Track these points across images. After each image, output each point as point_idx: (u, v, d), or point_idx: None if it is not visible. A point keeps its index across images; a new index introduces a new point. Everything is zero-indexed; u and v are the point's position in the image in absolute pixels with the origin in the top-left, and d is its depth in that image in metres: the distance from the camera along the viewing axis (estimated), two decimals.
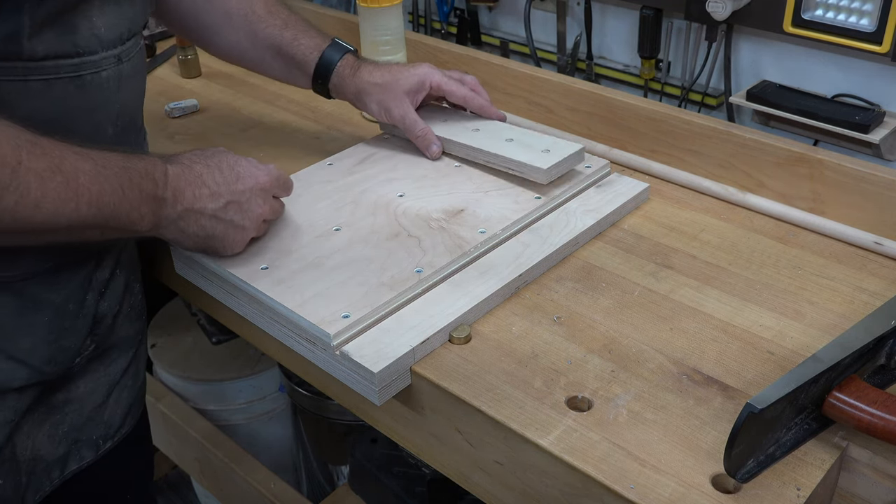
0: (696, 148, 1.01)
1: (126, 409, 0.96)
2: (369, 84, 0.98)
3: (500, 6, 1.59)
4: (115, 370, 0.93)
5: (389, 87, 0.98)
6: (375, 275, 0.81)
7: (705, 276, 0.84)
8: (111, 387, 0.93)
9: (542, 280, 0.85)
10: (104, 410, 0.93)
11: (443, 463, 0.78)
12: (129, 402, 0.96)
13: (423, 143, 1.00)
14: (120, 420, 0.95)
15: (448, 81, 1.00)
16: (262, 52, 1.01)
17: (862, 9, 1.09)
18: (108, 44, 0.77)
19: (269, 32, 1.00)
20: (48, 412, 0.87)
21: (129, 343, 0.94)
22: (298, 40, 1.00)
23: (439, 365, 0.74)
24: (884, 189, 0.88)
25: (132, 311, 0.94)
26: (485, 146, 0.97)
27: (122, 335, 0.93)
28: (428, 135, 1.00)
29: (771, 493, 0.61)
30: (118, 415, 0.95)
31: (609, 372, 0.73)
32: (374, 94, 0.99)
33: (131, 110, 0.85)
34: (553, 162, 0.92)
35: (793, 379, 0.61)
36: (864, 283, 0.83)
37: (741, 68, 1.31)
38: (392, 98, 0.98)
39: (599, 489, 0.63)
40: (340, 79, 1.00)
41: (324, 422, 1.48)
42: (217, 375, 1.58)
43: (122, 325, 0.92)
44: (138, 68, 0.84)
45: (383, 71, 0.99)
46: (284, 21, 1.00)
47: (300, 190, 0.95)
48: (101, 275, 0.86)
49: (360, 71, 0.99)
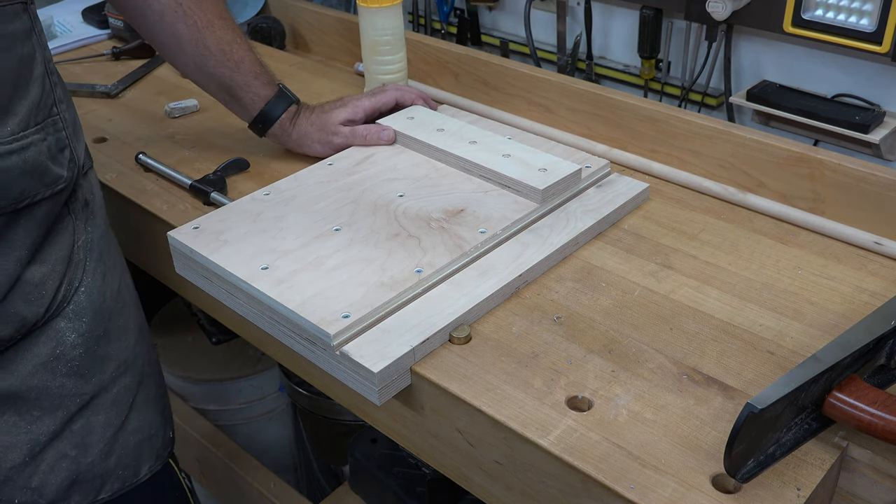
0: (696, 148, 1.01)
1: (65, 483, 0.85)
2: (306, 131, 1.05)
3: (500, 6, 1.59)
4: (38, 430, 0.83)
5: (323, 125, 1.05)
6: (375, 275, 0.81)
7: (705, 276, 0.84)
8: (36, 448, 0.83)
9: (542, 280, 0.85)
10: (31, 474, 0.84)
11: (443, 463, 0.78)
12: (68, 476, 0.86)
13: (374, 138, 1.04)
14: (55, 494, 0.85)
15: (376, 99, 1.08)
16: (209, 83, 1.05)
17: (862, 9, 1.09)
18: None
19: (218, 72, 1.02)
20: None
21: (54, 402, 0.84)
22: (248, 86, 1.03)
23: (439, 365, 0.74)
24: (884, 189, 0.88)
25: (56, 363, 0.84)
26: (481, 160, 0.96)
27: (36, 386, 0.83)
28: (370, 130, 1.04)
29: (771, 493, 0.61)
30: (52, 486, 0.85)
31: (609, 372, 0.73)
32: (313, 136, 1.05)
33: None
34: (550, 182, 0.92)
35: (793, 379, 0.61)
36: (864, 283, 0.83)
37: (741, 68, 1.30)
38: (328, 133, 1.05)
39: (599, 489, 0.63)
40: (281, 130, 1.06)
41: (324, 422, 1.48)
42: (217, 375, 1.58)
43: (34, 374, 0.82)
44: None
45: (316, 114, 1.06)
46: (237, 63, 1.02)
47: (300, 190, 0.95)
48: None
49: (299, 121, 1.06)
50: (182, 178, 1.04)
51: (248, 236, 0.87)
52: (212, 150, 1.13)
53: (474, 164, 0.97)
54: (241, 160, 1.07)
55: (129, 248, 1.12)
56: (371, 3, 1.15)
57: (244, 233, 0.88)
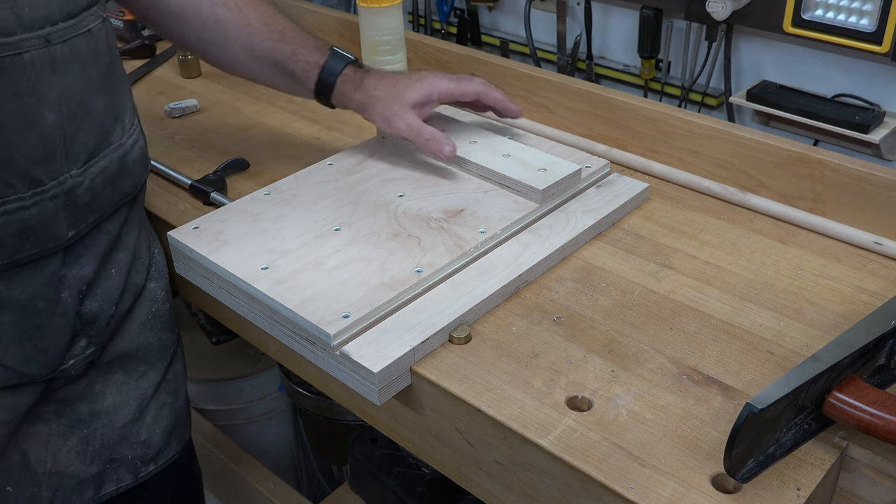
0: (696, 148, 1.01)
1: (167, 430, 0.93)
2: (373, 98, 0.96)
3: (500, 6, 1.59)
4: (145, 384, 0.91)
5: (393, 99, 0.95)
6: (375, 275, 0.81)
7: (705, 276, 0.84)
8: (143, 402, 0.91)
9: (542, 280, 0.85)
10: (140, 428, 0.90)
11: (443, 463, 0.78)
12: (169, 423, 0.94)
13: (434, 147, 0.95)
14: (161, 442, 0.92)
15: (457, 85, 0.97)
16: (260, 65, 0.98)
17: (862, 9, 1.09)
18: (32, 25, 0.72)
19: (266, 46, 0.96)
20: (72, 425, 0.86)
21: (157, 355, 0.92)
22: (297, 55, 0.96)
23: (439, 365, 0.74)
24: (884, 189, 0.88)
25: (154, 319, 0.92)
26: (481, 160, 0.96)
27: (142, 344, 0.90)
28: (436, 137, 0.95)
29: (771, 493, 0.61)
30: (157, 435, 0.92)
31: (609, 372, 0.73)
32: (378, 107, 0.96)
33: (79, 96, 0.78)
34: (550, 182, 0.91)
35: (793, 379, 0.61)
36: (864, 283, 0.83)
37: (741, 68, 1.31)
38: (396, 111, 0.95)
39: (599, 489, 0.63)
40: (343, 94, 0.97)
41: (324, 422, 1.48)
42: (217, 375, 1.58)
43: (140, 334, 0.90)
44: (85, 51, 0.78)
45: (387, 83, 0.96)
46: (282, 33, 0.97)
47: (300, 190, 0.95)
48: (78, 272, 0.82)
49: (364, 84, 0.96)
50: (182, 178, 1.04)
51: (248, 236, 0.87)
52: (212, 150, 1.13)
53: (474, 164, 0.96)
54: (241, 160, 1.07)
55: None
56: (371, 3, 1.15)
57: (244, 233, 0.88)
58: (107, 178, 0.82)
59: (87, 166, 0.79)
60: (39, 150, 0.75)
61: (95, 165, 0.80)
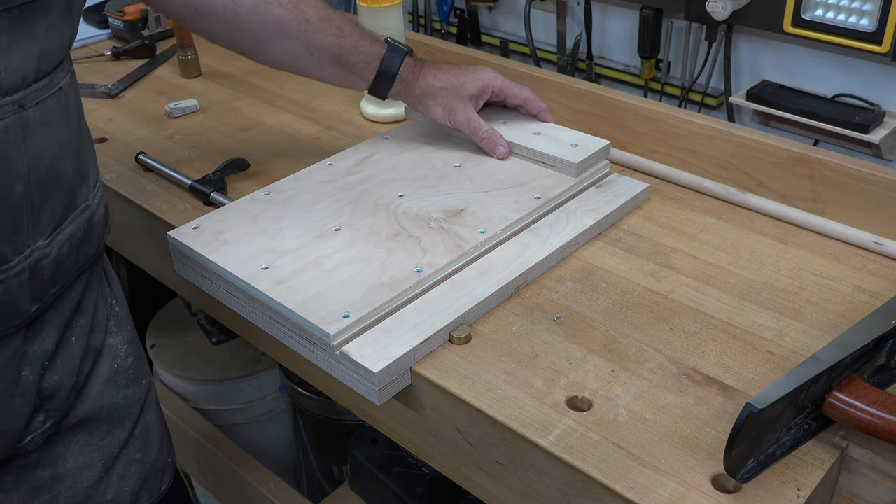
0: (696, 148, 1.01)
1: (136, 487, 0.89)
2: (434, 88, 0.99)
3: (500, 6, 1.59)
4: (110, 443, 0.86)
5: (454, 91, 0.99)
6: (375, 275, 0.81)
7: (705, 276, 0.84)
8: (109, 461, 0.86)
9: (542, 280, 0.85)
10: (106, 487, 0.86)
11: (443, 463, 0.78)
12: (138, 480, 0.89)
13: (489, 146, 1.00)
14: (130, 498, 0.88)
15: (510, 85, 1.02)
16: (319, 60, 0.98)
17: (862, 9, 1.09)
18: (8, 90, 0.65)
19: (326, 41, 0.96)
20: (34, 492, 0.81)
21: (122, 413, 0.87)
22: (358, 48, 0.97)
23: (439, 365, 0.74)
24: (884, 189, 0.88)
25: (117, 376, 0.86)
26: (514, 138, 1.00)
27: (105, 405, 0.85)
28: (493, 136, 1.00)
29: (771, 493, 0.61)
30: (125, 493, 0.88)
31: (609, 372, 0.73)
32: (440, 98, 1.00)
33: (50, 162, 0.70)
34: (584, 156, 0.95)
35: (793, 379, 0.61)
36: (864, 283, 0.83)
37: (741, 68, 1.31)
38: (457, 102, 0.99)
39: (599, 489, 0.63)
40: (404, 85, 0.99)
41: (324, 422, 1.48)
42: (217, 375, 1.58)
43: (102, 394, 0.84)
44: (58, 111, 0.71)
45: (447, 74, 1.00)
46: (339, 27, 0.97)
47: (300, 190, 0.95)
48: (39, 347, 0.75)
49: (424, 74, 0.99)
50: (182, 178, 1.04)
51: (248, 236, 0.87)
52: (212, 150, 1.13)
53: (509, 142, 1.00)
54: (241, 160, 1.07)
55: (128, 248, 1.13)
56: (371, 3, 1.15)
57: (244, 233, 0.88)
58: (73, 244, 0.76)
59: (53, 235, 0.73)
60: (7, 224, 0.67)
61: (63, 233, 0.74)
